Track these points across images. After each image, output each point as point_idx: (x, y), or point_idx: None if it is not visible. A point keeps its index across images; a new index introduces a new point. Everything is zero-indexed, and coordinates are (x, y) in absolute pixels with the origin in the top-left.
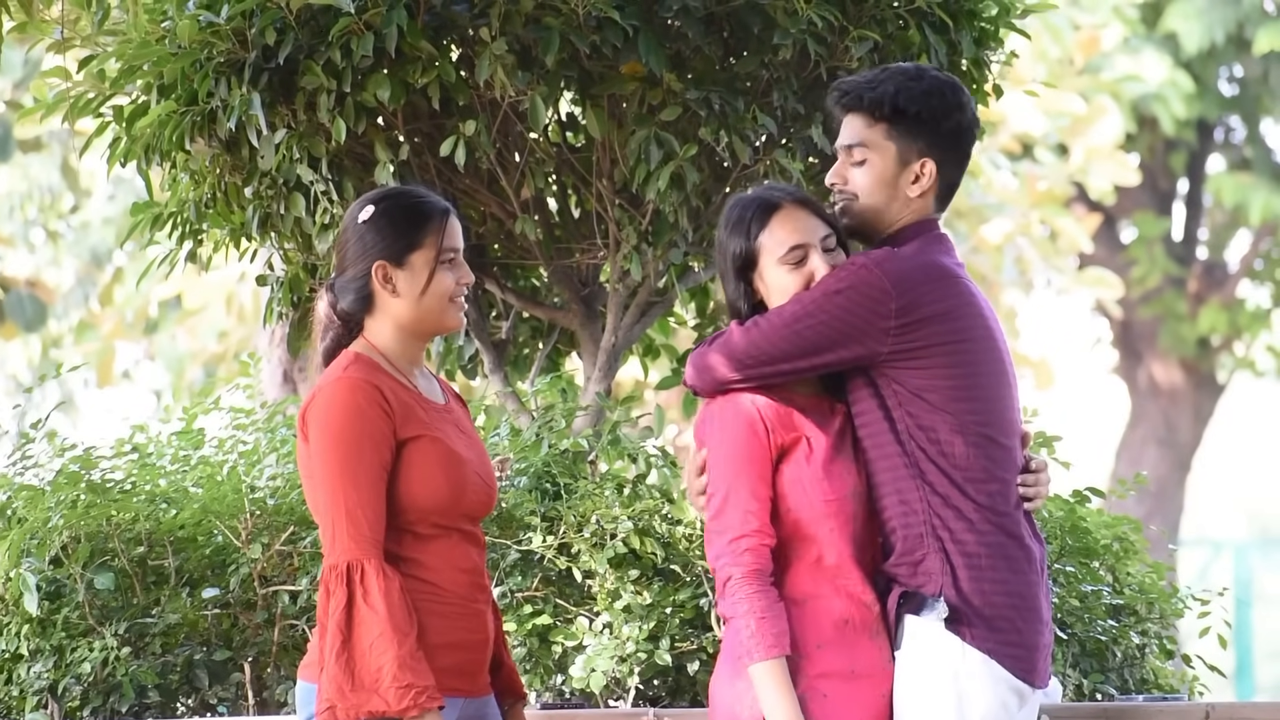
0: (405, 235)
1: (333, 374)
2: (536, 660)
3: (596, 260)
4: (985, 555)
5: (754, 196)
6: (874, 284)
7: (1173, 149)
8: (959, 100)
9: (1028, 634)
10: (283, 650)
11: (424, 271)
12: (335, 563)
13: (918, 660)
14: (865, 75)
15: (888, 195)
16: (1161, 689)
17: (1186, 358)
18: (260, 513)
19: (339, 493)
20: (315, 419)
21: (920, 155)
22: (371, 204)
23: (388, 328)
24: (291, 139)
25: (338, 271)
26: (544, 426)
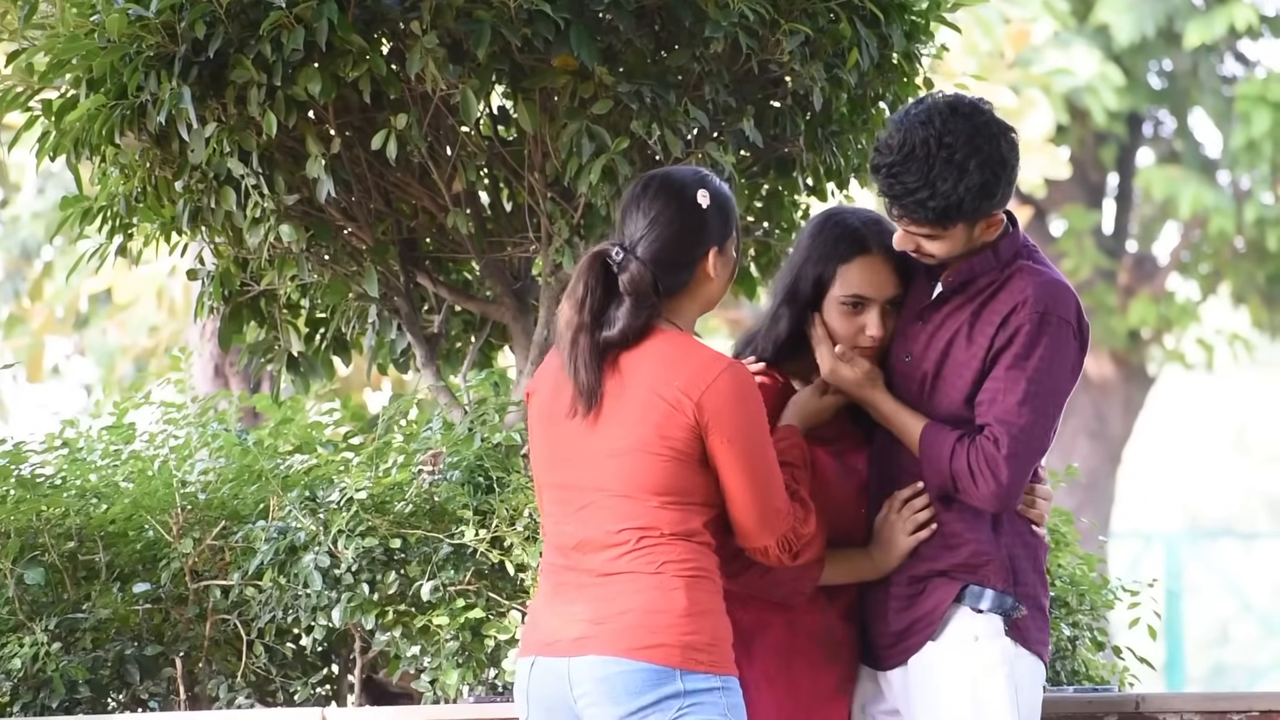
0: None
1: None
2: (469, 654)
3: (529, 254)
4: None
5: (851, 229)
6: (1073, 340)
7: (1103, 142)
8: (1008, 156)
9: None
10: (214, 645)
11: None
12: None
13: (974, 655)
14: (898, 164)
15: (967, 249)
16: (1092, 680)
17: (1117, 350)
18: (191, 507)
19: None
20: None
21: (990, 216)
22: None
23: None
24: (222, 133)
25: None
26: (477, 420)
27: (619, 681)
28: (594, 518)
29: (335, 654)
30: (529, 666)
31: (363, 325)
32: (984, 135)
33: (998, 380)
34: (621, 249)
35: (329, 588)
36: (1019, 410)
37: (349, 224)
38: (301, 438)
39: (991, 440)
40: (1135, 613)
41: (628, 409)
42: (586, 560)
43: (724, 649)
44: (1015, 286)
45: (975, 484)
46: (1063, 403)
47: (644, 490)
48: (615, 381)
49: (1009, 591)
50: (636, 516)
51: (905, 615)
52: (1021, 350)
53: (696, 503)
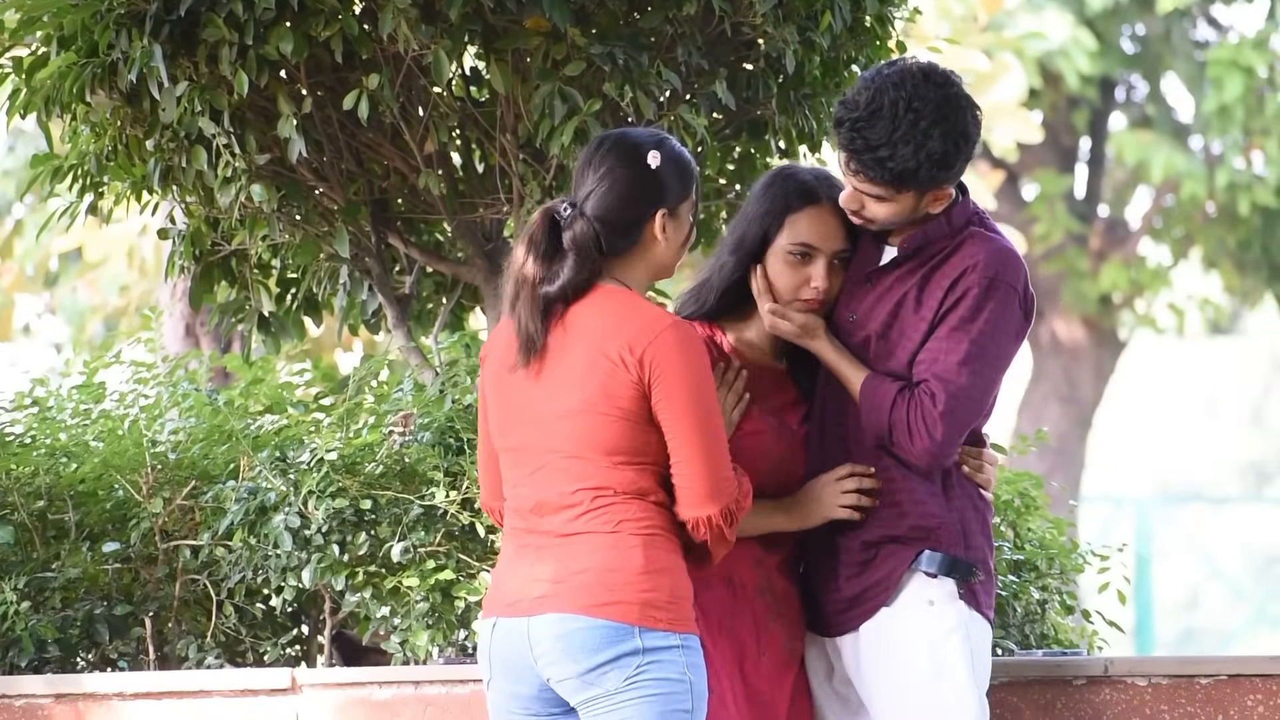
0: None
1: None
2: (439, 615)
3: (500, 215)
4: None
5: (798, 181)
6: (1018, 307)
7: (1075, 106)
8: (971, 132)
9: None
10: (184, 605)
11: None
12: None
13: (930, 620)
14: (863, 119)
15: (910, 217)
16: (1061, 644)
17: (1088, 315)
18: (161, 467)
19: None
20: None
21: (940, 189)
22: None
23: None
24: (193, 92)
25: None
26: (448, 382)
27: (577, 639)
28: (548, 480)
29: (305, 615)
30: (490, 628)
31: (334, 286)
32: (952, 106)
33: (940, 340)
34: (571, 205)
35: (299, 548)
36: (958, 370)
37: (320, 184)
38: (272, 398)
39: (929, 395)
40: (1105, 577)
41: (573, 368)
42: (544, 522)
43: (683, 607)
44: (966, 251)
45: (911, 439)
46: (1004, 368)
47: (595, 451)
48: (560, 336)
49: (963, 555)
50: (589, 477)
51: (857, 581)
52: (967, 313)
53: (649, 462)
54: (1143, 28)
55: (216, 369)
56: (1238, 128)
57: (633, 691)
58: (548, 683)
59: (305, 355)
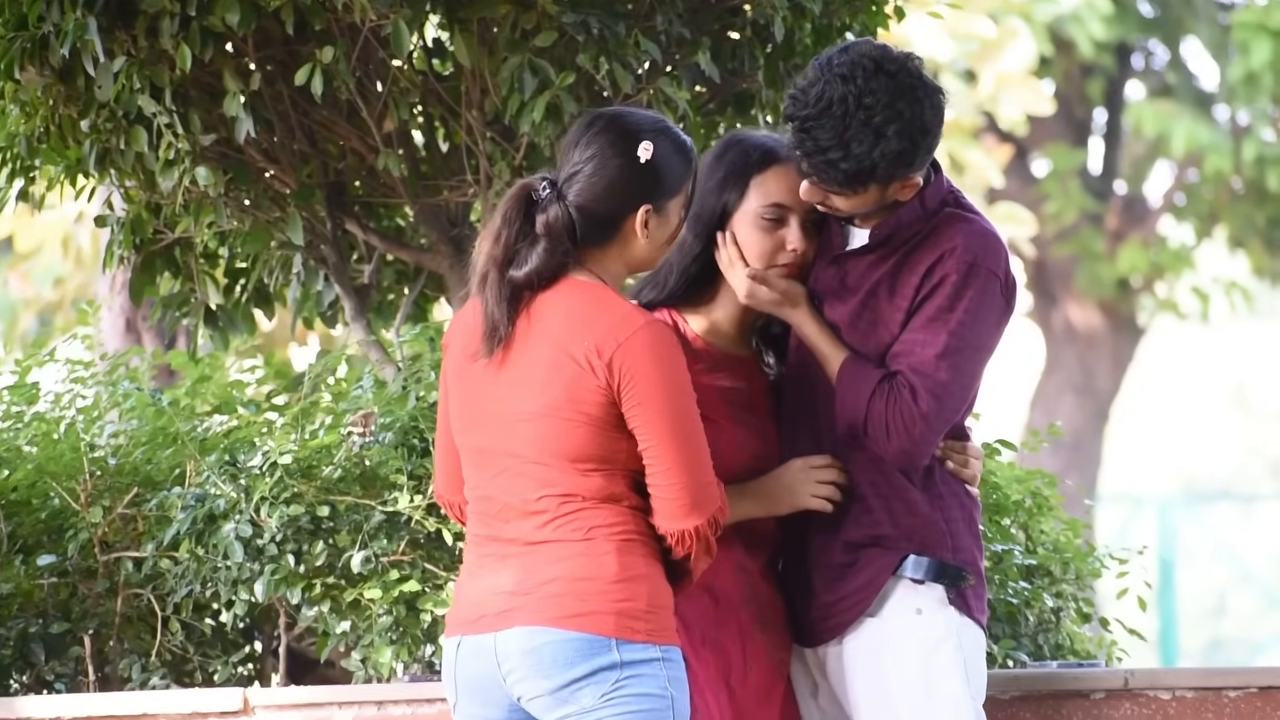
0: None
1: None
2: (404, 630)
3: (466, 198)
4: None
5: (753, 144)
6: (999, 294)
7: (1089, 75)
8: (930, 121)
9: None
10: (126, 621)
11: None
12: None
13: (920, 630)
14: (812, 117)
15: (877, 206)
16: (1077, 655)
17: (1105, 299)
18: (101, 473)
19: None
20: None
21: (904, 179)
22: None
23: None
24: (132, 68)
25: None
26: (411, 378)
27: (547, 652)
28: (510, 484)
29: (258, 631)
30: (455, 647)
31: (286, 276)
32: (907, 99)
33: (916, 331)
34: (550, 185)
35: (251, 559)
36: (937, 364)
37: (271, 166)
38: (221, 397)
39: (908, 390)
40: (1124, 582)
41: (536, 367)
42: (509, 529)
43: (663, 616)
44: (942, 235)
45: (887, 436)
46: (985, 359)
47: (559, 458)
48: (524, 326)
49: (950, 559)
50: (555, 484)
51: (838, 586)
52: (944, 302)
53: (619, 467)
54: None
55: (160, 367)
56: (1266, 96)
57: (610, 709)
58: (518, 702)
59: (256, 351)
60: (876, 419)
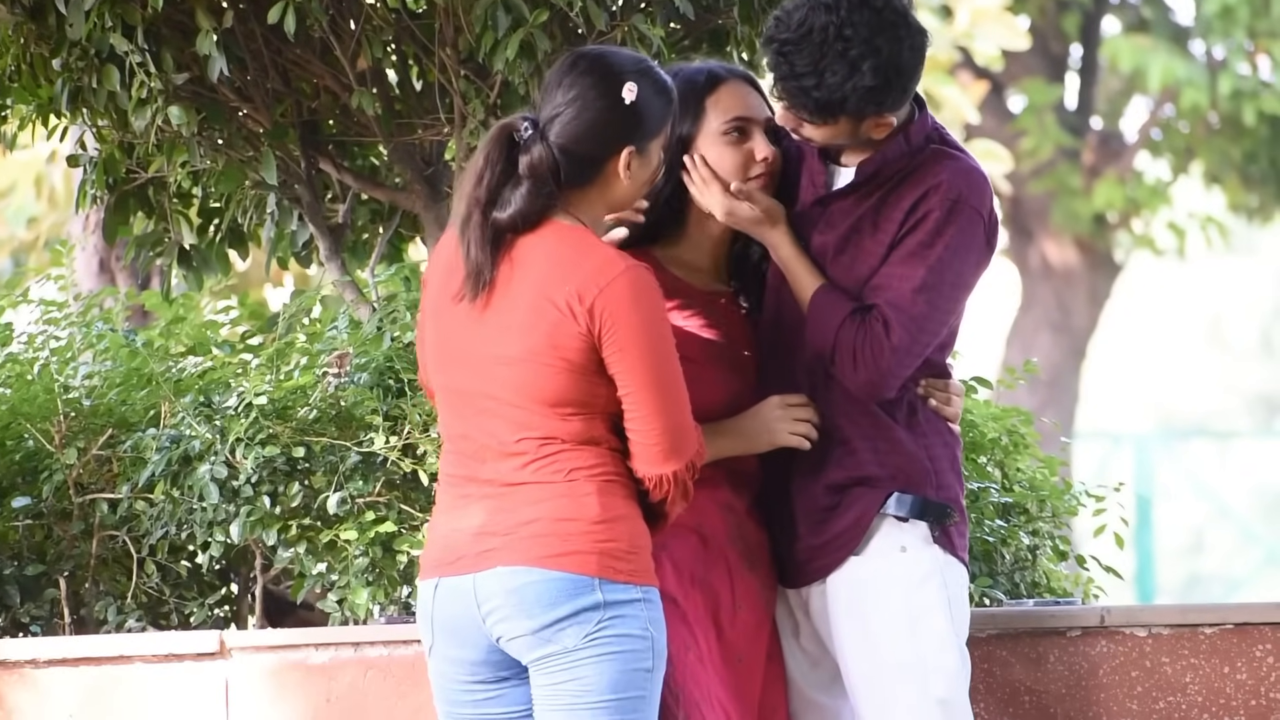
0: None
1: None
2: (380, 571)
3: (441, 137)
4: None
5: (694, 70)
6: (981, 233)
7: (1065, 10)
8: (907, 63)
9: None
10: (101, 564)
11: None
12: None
13: (904, 567)
14: (791, 42)
15: (851, 140)
16: (1054, 593)
17: (1081, 236)
18: (75, 415)
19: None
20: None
21: (877, 116)
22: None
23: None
24: (103, 6)
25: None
26: (386, 318)
27: (530, 592)
28: (488, 425)
29: (234, 572)
30: (432, 589)
31: (261, 215)
32: (888, 35)
33: (895, 265)
34: (532, 125)
35: (226, 500)
36: (914, 298)
37: (244, 105)
38: (195, 338)
39: (881, 323)
40: (1101, 520)
41: (517, 311)
42: (485, 469)
43: (644, 557)
44: (927, 171)
45: (855, 366)
46: (963, 297)
47: (538, 402)
48: (507, 270)
49: (934, 496)
50: (534, 427)
51: (824, 528)
52: (925, 237)
53: (599, 410)
54: None
55: (134, 307)
56: (1242, 30)
57: (592, 649)
58: (497, 643)
59: (230, 291)
60: (845, 348)
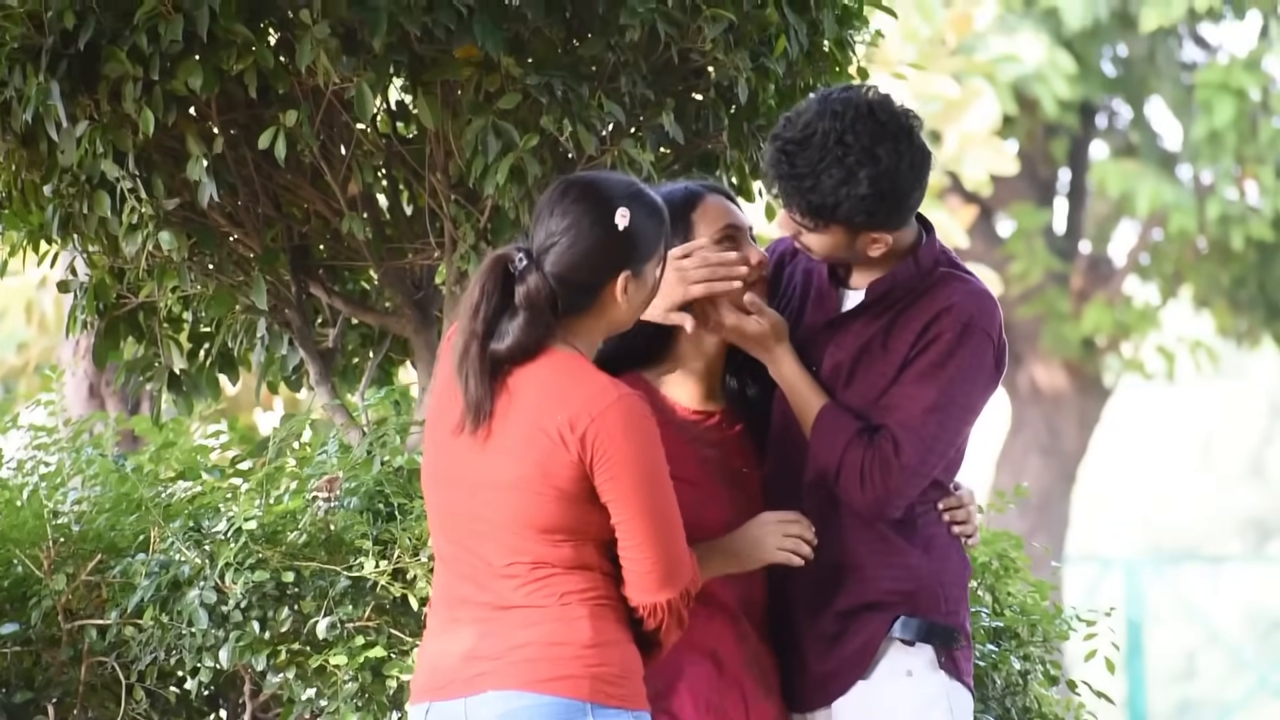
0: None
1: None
2: (369, 696)
3: (431, 261)
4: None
5: (670, 190)
6: (991, 356)
7: (1053, 135)
8: (903, 179)
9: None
10: (90, 690)
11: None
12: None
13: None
14: (794, 142)
15: (848, 255)
16: (1045, 718)
17: (1070, 360)
18: (64, 540)
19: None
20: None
21: (871, 232)
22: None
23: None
24: (95, 132)
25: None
26: (376, 442)
27: (523, 717)
28: (479, 548)
29: (223, 698)
30: (423, 714)
31: (251, 340)
32: (887, 148)
33: (906, 386)
34: (526, 255)
35: (216, 626)
36: (924, 419)
37: (235, 230)
38: (185, 463)
39: (890, 444)
40: (1092, 644)
41: (511, 439)
42: (479, 593)
43: (635, 682)
44: (939, 294)
45: (861, 486)
46: (972, 420)
47: (529, 528)
48: (505, 401)
49: (941, 620)
50: (524, 551)
51: (832, 655)
52: (937, 358)
53: (591, 537)
54: (1125, 49)
55: (123, 432)
56: (1230, 155)
57: None
58: None
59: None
60: (851, 467)
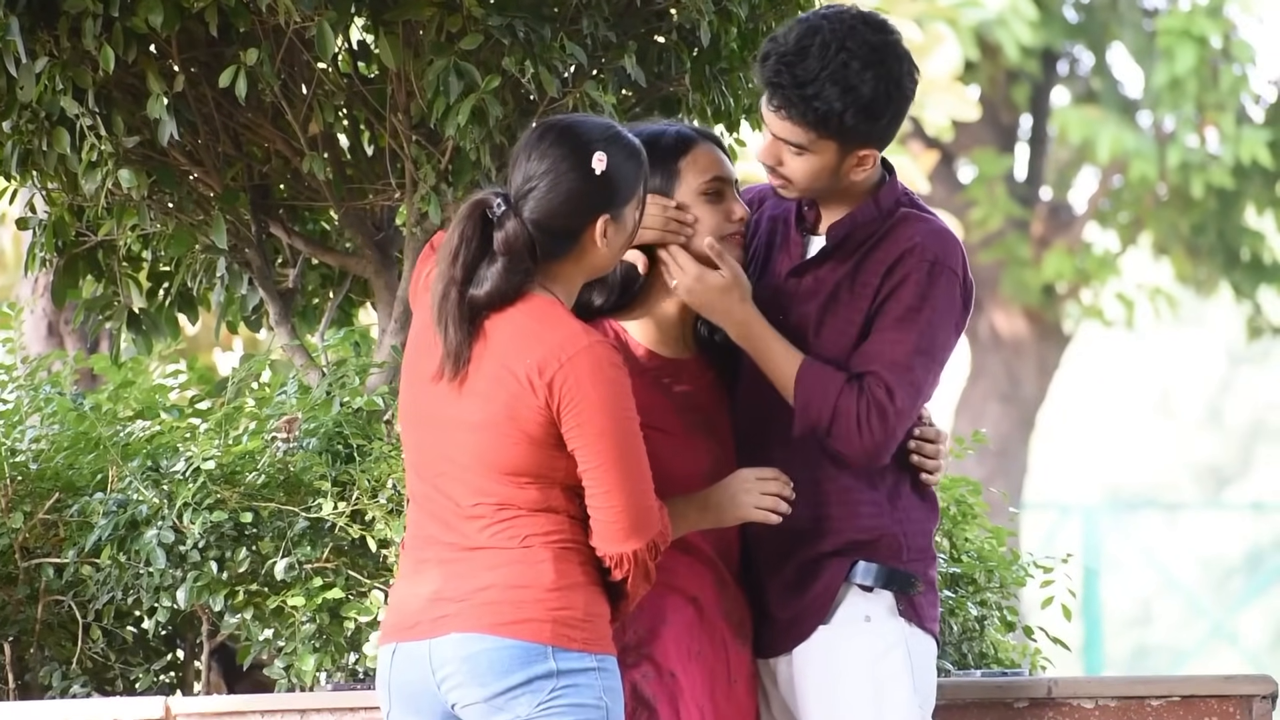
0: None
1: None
2: (327, 638)
3: (392, 202)
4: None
5: (661, 130)
6: (959, 294)
7: (1015, 81)
8: (906, 86)
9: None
10: (47, 629)
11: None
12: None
13: (868, 637)
14: (791, 54)
15: (829, 181)
16: (1001, 664)
17: (1030, 306)
18: (22, 478)
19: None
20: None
21: (863, 147)
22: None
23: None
24: (54, 68)
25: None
26: (335, 383)
27: (484, 660)
28: (447, 488)
29: (180, 638)
30: (390, 654)
31: (210, 279)
32: (889, 53)
33: (886, 331)
34: (505, 201)
35: (173, 566)
36: (911, 362)
37: (195, 169)
38: (144, 402)
39: (883, 389)
40: (1049, 591)
41: (482, 381)
42: (446, 533)
43: (599, 625)
44: (900, 234)
45: (859, 433)
46: (946, 360)
47: (495, 470)
48: (480, 346)
49: (900, 566)
50: (489, 492)
51: (793, 602)
52: (912, 301)
53: (558, 480)
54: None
55: (82, 371)
56: (1190, 103)
57: (545, 718)
58: (452, 709)
59: (180, 355)
60: (847, 416)
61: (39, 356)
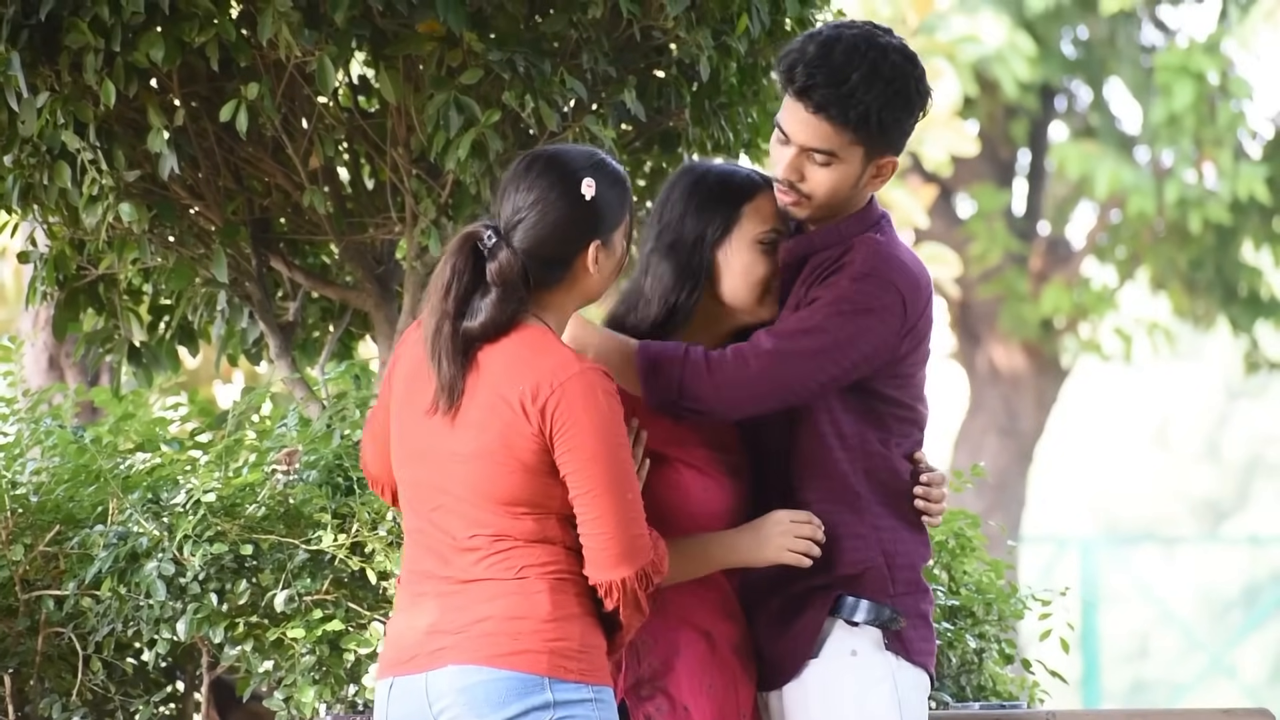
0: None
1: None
2: (327, 669)
3: (392, 235)
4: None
5: (731, 170)
6: (892, 303)
7: (1013, 116)
8: (923, 89)
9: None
10: (47, 660)
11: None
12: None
13: (854, 672)
14: (821, 59)
15: (848, 195)
16: (1000, 696)
17: (1028, 340)
18: (22, 511)
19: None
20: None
21: (884, 154)
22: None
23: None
24: (55, 103)
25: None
26: (335, 416)
27: (480, 691)
28: (443, 521)
29: (180, 670)
30: (387, 689)
31: (211, 313)
32: (906, 58)
33: (789, 309)
34: (495, 233)
35: (174, 598)
36: (795, 333)
37: (196, 203)
38: (144, 435)
39: (750, 344)
40: (1047, 623)
41: (476, 411)
42: (442, 567)
43: (595, 656)
44: (848, 258)
45: (709, 370)
46: (850, 359)
47: (491, 500)
48: (474, 377)
49: (885, 601)
50: (485, 524)
51: (781, 638)
52: (826, 292)
53: (553, 510)
54: (1085, 31)
55: (83, 404)
56: (1188, 138)
57: None
58: None
59: (180, 388)
60: (696, 361)
61: (40, 389)
